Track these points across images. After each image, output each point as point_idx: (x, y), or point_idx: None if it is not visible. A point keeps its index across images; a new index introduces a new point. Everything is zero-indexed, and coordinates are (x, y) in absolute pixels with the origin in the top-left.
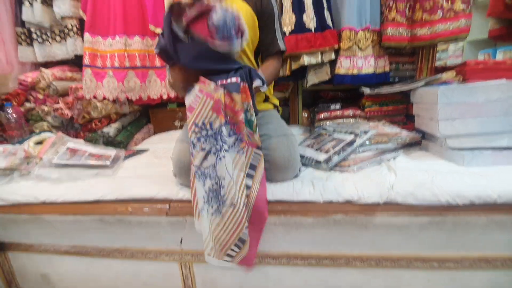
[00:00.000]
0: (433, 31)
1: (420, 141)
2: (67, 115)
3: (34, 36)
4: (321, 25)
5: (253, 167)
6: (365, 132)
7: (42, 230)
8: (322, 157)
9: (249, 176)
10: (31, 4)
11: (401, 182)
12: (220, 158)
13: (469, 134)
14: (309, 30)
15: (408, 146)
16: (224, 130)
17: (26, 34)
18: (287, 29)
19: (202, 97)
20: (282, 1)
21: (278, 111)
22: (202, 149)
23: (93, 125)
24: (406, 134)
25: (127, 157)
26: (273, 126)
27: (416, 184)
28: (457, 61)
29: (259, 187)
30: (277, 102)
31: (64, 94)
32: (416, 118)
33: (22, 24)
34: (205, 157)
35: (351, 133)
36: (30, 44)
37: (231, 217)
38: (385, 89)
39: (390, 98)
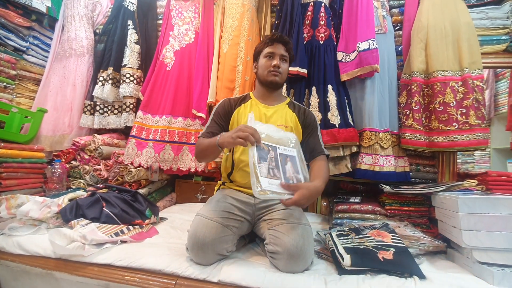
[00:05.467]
0: (451, 140)
1: (446, 250)
2: (103, 176)
3: (98, 108)
4: (345, 122)
5: None
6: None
7: None
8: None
9: None
10: (103, 84)
11: None
12: None
13: (497, 248)
14: (333, 125)
15: (433, 253)
16: None
17: (91, 106)
18: None
19: None
20: (310, 101)
21: None
22: None
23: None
24: (429, 241)
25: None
26: (290, 212)
27: None
28: (485, 166)
29: None
30: None
31: (107, 157)
32: (439, 223)
33: (91, 98)
34: None
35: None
36: (92, 114)
37: None
38: (405, 189)
39: (411, 198)
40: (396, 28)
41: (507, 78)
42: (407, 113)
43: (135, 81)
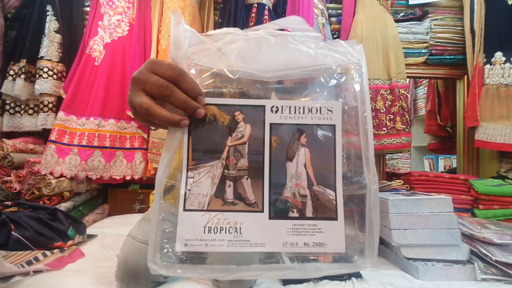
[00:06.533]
0: (381, 143)
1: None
2: (15, 189)
3: (7, 107)
4: None
5: None
6: None
7: None
8: None
9: None
10: (14, 79)
11: None
12: None
13: (420, 244)
14: None
15: None
16: None
17: None
18: None
19: None
20: None
21: None
22: None
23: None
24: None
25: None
26: None
27: None
28: (407, 162)
29: None
30: None
31: (19, 166)
32: None
33: None
34: None
35: None
36: (0, 114)
37: None
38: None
39: None
40: (335, 36)
41: (424, 85)
42: None
43: (55, 76)
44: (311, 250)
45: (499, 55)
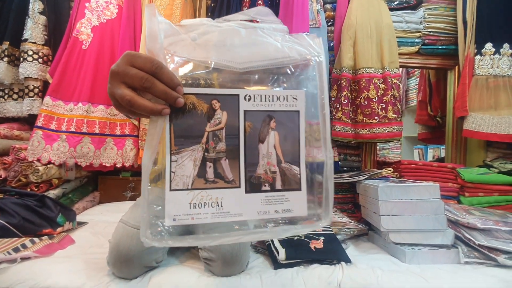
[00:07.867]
0: (373, 132)
1: (367, 232)
2: (0, 176)
3: None
4: None
5: None
6: None
7: None
8: None
9: None
10: None
11: (347, 283)
12: None
13: (408, 230)
14: None
15: (357, 236)
16: None
17: None
18: None
19: None
20: None
21: None
22: None
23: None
24: (354, 226)
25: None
26: None
27: (362, 285)
28: (397, 152)
29: None
30: None
31: (5, 153)
32: (362, 208)
33: None
34: None
35: None
36: None
37: None
38: (334, 178)
39: (340, 186)
40: (329, 24)
41: (416, 76)
42: (337, 106)
43: (40, 60)
44: (280, 215)
45: (489, 46)
